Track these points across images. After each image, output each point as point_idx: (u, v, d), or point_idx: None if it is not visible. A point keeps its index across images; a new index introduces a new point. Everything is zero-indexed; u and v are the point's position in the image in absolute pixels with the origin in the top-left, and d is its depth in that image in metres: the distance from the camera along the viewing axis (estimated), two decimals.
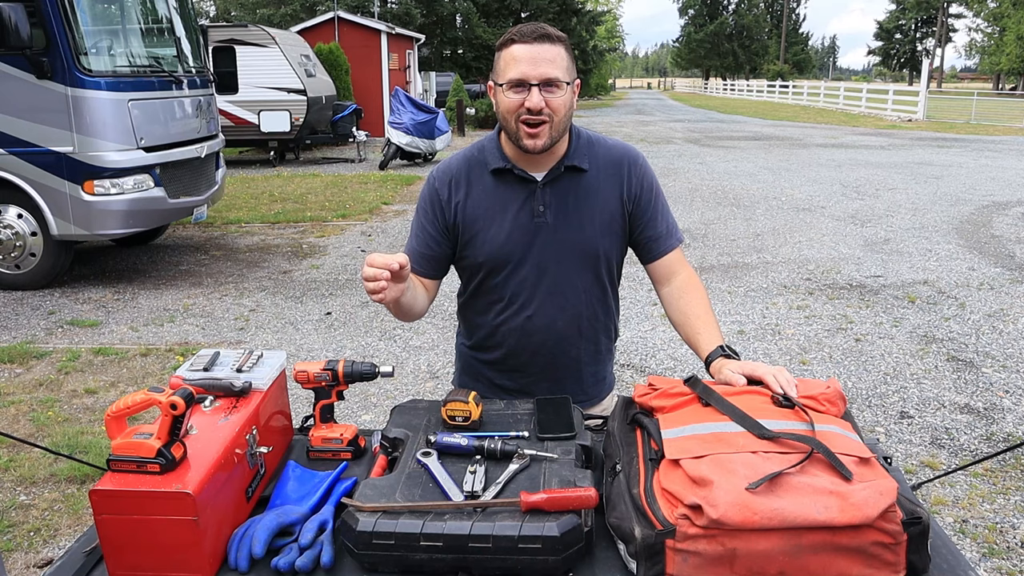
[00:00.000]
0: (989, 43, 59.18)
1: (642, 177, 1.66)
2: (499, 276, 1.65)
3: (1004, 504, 3.03)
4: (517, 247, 1.61)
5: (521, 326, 1.66)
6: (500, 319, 1.69)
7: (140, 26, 6.57)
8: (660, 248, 1.67)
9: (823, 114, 28.06)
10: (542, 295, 1.64)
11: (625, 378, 4.32)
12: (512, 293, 1.65)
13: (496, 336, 1.71)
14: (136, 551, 1.11)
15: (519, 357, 1.70)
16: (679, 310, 1.64)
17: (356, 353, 4.74)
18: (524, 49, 1.48)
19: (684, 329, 1.62)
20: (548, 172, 1.60)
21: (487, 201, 1.62)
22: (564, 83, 1.50)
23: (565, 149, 1.61)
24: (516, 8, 33.00)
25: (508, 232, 1.61)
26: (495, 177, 1.62)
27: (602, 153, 1.65)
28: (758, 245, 7.49)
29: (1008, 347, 4.72)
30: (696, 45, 73.43)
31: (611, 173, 1.64)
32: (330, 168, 13.74)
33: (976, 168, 12.86)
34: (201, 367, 1.41)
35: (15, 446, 3.47)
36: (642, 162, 1.67)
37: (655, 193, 1.68)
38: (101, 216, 5.76)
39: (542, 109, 1.48)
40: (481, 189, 1.63)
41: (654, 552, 1.05)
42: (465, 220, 1.63)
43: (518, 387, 1.74)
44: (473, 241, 1.63)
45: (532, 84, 1.47)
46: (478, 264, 1.65)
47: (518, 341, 1.68)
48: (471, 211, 1.63)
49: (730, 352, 1.49)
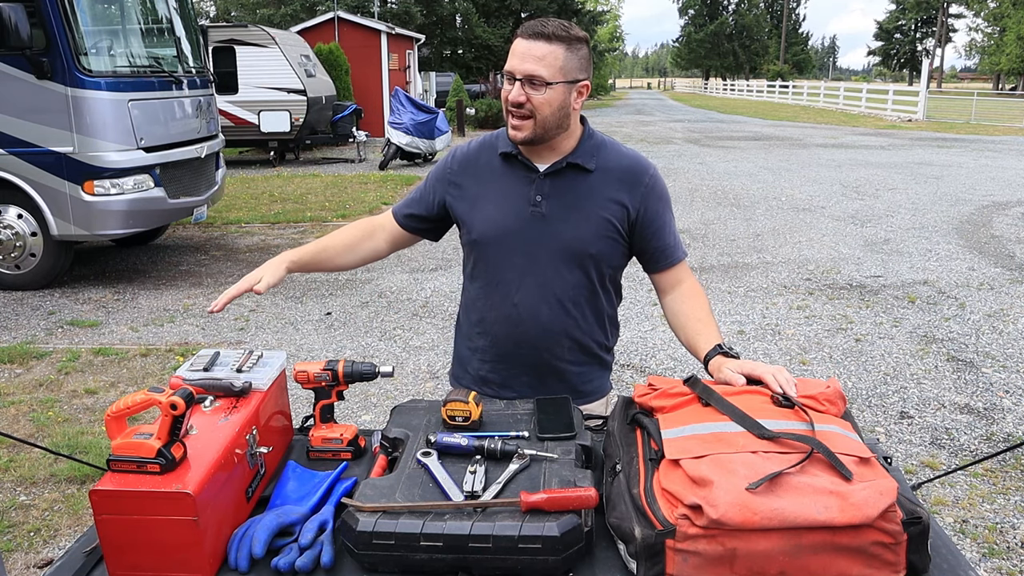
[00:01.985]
0: (989, 43, 59.21)
1: (652, 188, 1.67)
2: (490, 257, 1.68)
3: (1004, 504, 3.03)
4: (511, 230, 1.64)
5: (507, 315, 1.68)
6: (489, 303, 1.71)
7: (140, 26, 6.57)
8: (668, 259, 1.69)
9: (823, 114, 28.06)
10: (529, 285, 1.66)
11: (625, 378, 4.32)
12: (501, 279, 1.68)
13: (484, 323, 1.73)
14: (136, 551, 1.11)
15: (503, 346, 1.71)
16: (679, 313, 1.67)
17: (356, 353, 4.74)
18: (520, 44, 1.54)
19: (684, 332, 1.64)
20: (551, 165, 1.64)
21: (491, 180, 1.68)
22: (548, 82, 1.51)
23: (573, 147, 1.64)
24: (516, 8, 32.98)
25: (503, 214, 1.65)
26: (502, 160, 1.68)
27: (613, 158, 1.66)
28: (758, 245, 7.49)
29: (1008, 347, 4.72)
30: (696, 45, 73.46)
31: (619, 179, 1.65)
32: (330, 168, 13.74)
33: (976, 168, 12.86)
34: (201, 367, 1.41)
35: (15, 446, 3.47)
36: (653, 172, 1.69)
37: (664, 205, 1.69)
38: (101, 216, 5.76)
39: (523, 103, 1.53)
40: (488, 170, 1.69)
41: (654, 552, 1.05)
42: (465, 197, 1.70)
43: (500, 380, 1.75)
44: (470, 217, 1.69)
45: (516, 78, 1.53)
46: (473, 240, 1.70)
47: (503, 330, 1.70)
48: (473, 189, 1.69)
49: (728, 351, 1.50)
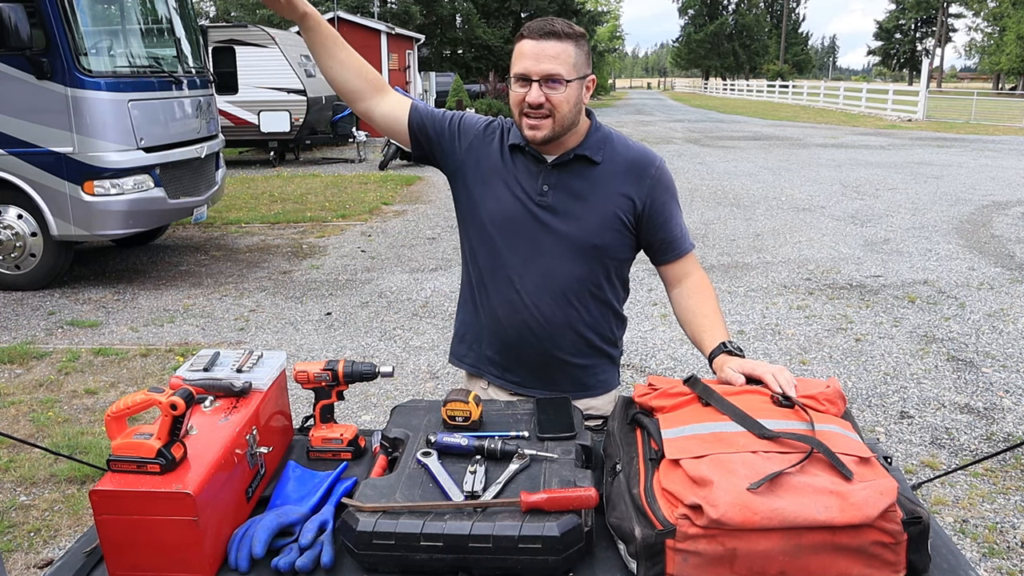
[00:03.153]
0: (989, 43, 59.20)
1: (659, 179, 1.67)
2: (496, 240, 1.68)
3: (1004, 504, 3.03)
4: (516, 216, 1.65)
5: (511, 300, 1.69)
6: (493, 287, 1.71)
7: (140, 26, 6.57)
8: (675, 251, 1.69)
9: (823, 114, 28.06)
10: (532, 273, 1.66)
11: (625, 378, 4.32)
12: (505, 264, 1.68)
13: (489, 308, 1.73)
14: (136, 551, 1.11)
15: (507, 333, 1.72)
16: (687, 308, 1.67)
17: (356, 353, 4.74)
18: (530, 45, 1.53)
19: (690, 327, 1.65)
20: (558, 156, 1.65)
21: (501, 165, 1.68)
22: (567, 80, 1.53)
23: (580, 140, 1.65)
24: (516, 8, 32.98)
25: (511, 198, 1.66)
26: (510, 151, 1.69)
27: (620, 151, 1.68)
28: (758, 245, 7.49)
29: (1008, 347, 4.72)
30: (696, 45, 73.45)
31: (626, 172, 1.66)
32: (330, 168, 13.74)
33: (976, 168, 12.86)
34: (201, 367, 1.41)
35: (15, 446, 3.47)
36: (660, 164, 1.70)
37: (672, 197, 1.70)
38: (101, 216, 5.76)
39: (542, 104, 1.53)
40: (498, 155, 1.69)
41: (654, 552, 1.05)
42: (474, 175, 1.70)
43: (504, 363, 1.75)
44: (482, 194, 1.69)
45: (534, 80, 1.52)
46: (480, 222, 1.69)
47: (507, 315, 1.70)
48: (483, 170, 1.69)
49: (733, 349, 1.50)
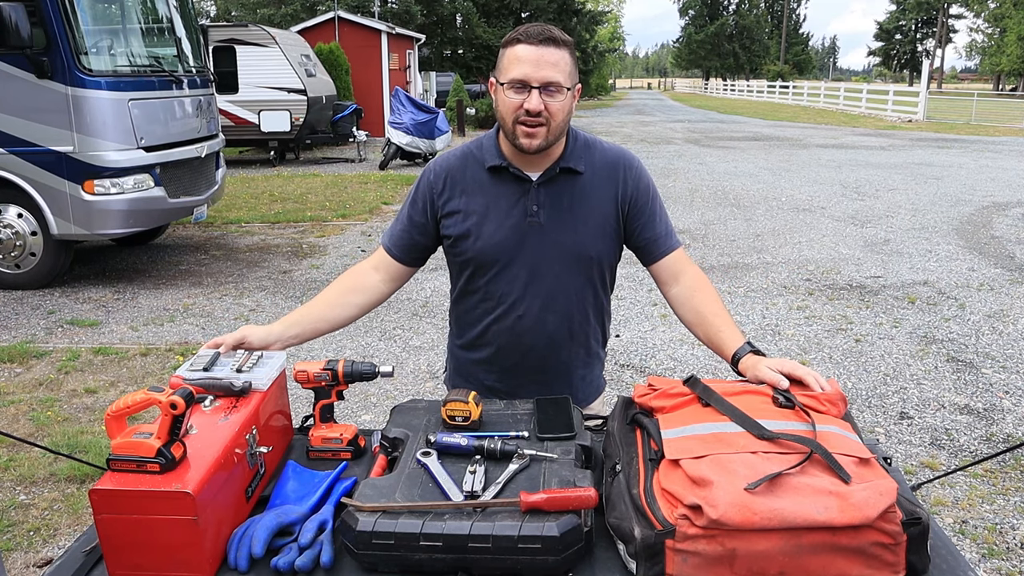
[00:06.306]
0: (989, 44, 59.19)
1: (637, 179, 1.65)
2: (489, 274, 1.64)
3: (1004, 505, 3.03)
4: (508, 245, 1.61)
5: (511, 327, 1.66)
6: (490, 318, 1.68)
7: (140, 26, 6.57)
8: (661, 248, 1.66)
9: (823, 115, 28.06)
10: (532, 296, 1.63)
11: (625, 378, 4.32)
12: (503, 292, 1.64)
13: (486, 336, 1.70)
14: (136, 551, 1.11)
15: (509, 358, 1.69)
16: (692, 309, 1.61)
17: (356, 353, 4.74)
18: (528, 50, 1.48)
19: (701, 328, 1.59)
20: (543, 173, 1.60)
21: (481, 198, 1.62)
22: (565, 88, 1.50)
23: (561, 151, 1.61)
24: (516, 8, 32.99)
25: (500, 230, 1.60)
26: (491, 174, 1.62)
27: (598, 156, 1.65)
28: (758, 246, 7.49)
29: (1008, 348, 4.72)
30: (696, 46, 73.39)
31: (606, 176, 1.63)
32: (330, 168, 13.74)
33: (976, 169, 12.86)
34: (201, 367, 1.41)
35: (15, 446, 3.47)
36: (637, 164, 1.67)
37: (651, 195, 1.67)
38: (101, 216, 5.76)
39: (540, 112, 1.48)
40: (476, 186, 1.63)
41: (654, 552, 1.05)
42: (456, 216, 1.63)
43: (507, 389, 1.72)
44: (465, 237, 1.63)
45: (533, 86, 1.47)
46: (468, 260, 1.64)
47: (508, 342, 1.67)
48: (464, 207, 1.62)
49: (757, 349, 1.47)
